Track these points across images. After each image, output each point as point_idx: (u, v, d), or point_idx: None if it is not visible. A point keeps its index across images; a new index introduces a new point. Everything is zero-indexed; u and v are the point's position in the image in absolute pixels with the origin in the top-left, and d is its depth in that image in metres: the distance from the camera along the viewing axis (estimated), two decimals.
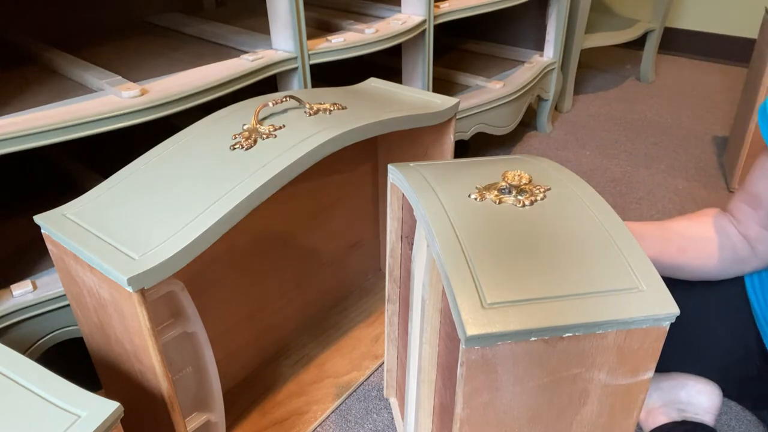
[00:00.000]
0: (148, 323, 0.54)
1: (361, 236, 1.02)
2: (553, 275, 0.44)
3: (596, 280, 0.44)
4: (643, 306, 0.42)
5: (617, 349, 0.43)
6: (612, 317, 0.41)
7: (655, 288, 0.44)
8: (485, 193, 0.53)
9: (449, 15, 1.15)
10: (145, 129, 0.75)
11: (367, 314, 0.99)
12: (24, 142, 0.64)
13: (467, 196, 0.53)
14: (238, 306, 0.82)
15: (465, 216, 0.51)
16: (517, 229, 0.49)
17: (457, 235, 0.48)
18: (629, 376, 0.44)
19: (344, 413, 0.82)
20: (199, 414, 0.70)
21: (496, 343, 0.41)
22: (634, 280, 0.44)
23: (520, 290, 0.43)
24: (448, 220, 0.50)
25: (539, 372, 0.43)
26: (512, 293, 0.43)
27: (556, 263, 0.46)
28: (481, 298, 0.42)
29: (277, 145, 0.64)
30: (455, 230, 0.49)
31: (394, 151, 0.95)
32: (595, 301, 0.42)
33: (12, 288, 0.72)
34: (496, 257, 0.46)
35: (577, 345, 0.42)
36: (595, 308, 0.42)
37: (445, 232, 0.48)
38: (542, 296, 0.43)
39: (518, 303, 0.42)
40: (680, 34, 2.23)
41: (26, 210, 0.90)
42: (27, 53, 0.92)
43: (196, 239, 0.54)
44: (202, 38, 1.01)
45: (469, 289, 0.43)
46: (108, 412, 0.44)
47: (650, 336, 0.43)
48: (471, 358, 0.41)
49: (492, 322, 0.41)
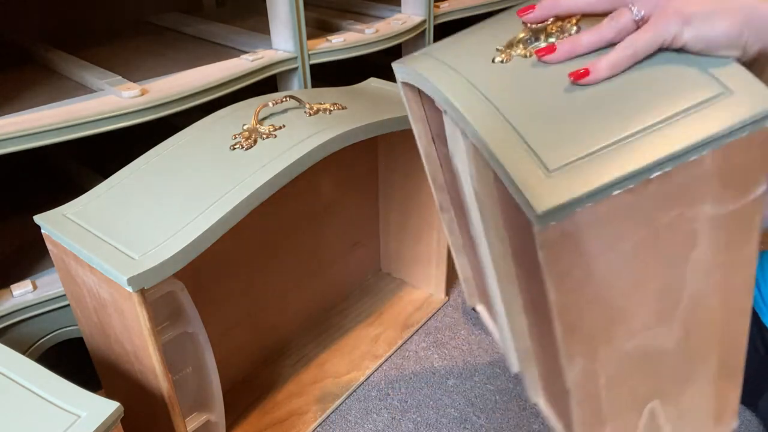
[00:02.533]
0: (148, 323, 0.54)
1: (361, 236, 1.02)
2: (619, 112, 0.37)
3: (672, 101, 0.36)
4: (737, 111, 0.35)
5: (718, 172, 0.35)
6: (702, 137, 0.34)
7: (747, 86, 0.36)
8: (510, 52, 0.44)
9: (449, 15, 1.15)
10: (145, 129, 0.75)
11: (367, 314, 0.99)
12: (24, 142, 0.64)
13: (491, 61, 0.44)
14: (238, 306, 0.82)
15: (496, 84, 0.42)
16: (560, 78, 0.41)
17: (494, 106, 0.40)
18: (739, 198, 0.37)
19: (344, 413, 0.82)
20: (199, 414, 0.70)
21: (574, 211, 0.34)
22: (719, 85, 0.36)
23: (584, 143, 0.36)
24: (479, 94, 0.42)
25: (633, 227, 0.36)
26: (576, 149, 0.36)
27: (617, 96, 0.38)
28: (542, 165, 0.36)
29: (277, 145, 0.64)
30: (491, 102, 0.41)
31: (394, 151, 0.95)
32: (676, 125, 0.35)
33: (12, 288, 0.72)
34: (546, 117, 0.38)
35: (669, 182, 0.35)
36: (678, 134, 0.35)
37: (478, 109, 0.41)
38: (612, 141, 0.36)
39: (586, 158, 0.35)
40: None
41: (26, 210, 0.89)
42: (27, 53, 0.92)
43: (196, 239, 0.54)
44: (202, 38, 1.01)
45: (524, 161, 0.36)
46: (108, 412, 0.44)
47: (753, 143, 0.35)
48: (549, 237, 0.35)
49: (562, 189, 0.34)
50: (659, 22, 0.36)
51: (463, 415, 0.81)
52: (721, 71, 0.37)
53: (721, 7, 0.36)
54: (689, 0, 0.36)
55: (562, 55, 0.38)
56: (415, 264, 1.03)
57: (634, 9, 0.37)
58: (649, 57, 0.38)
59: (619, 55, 0.37)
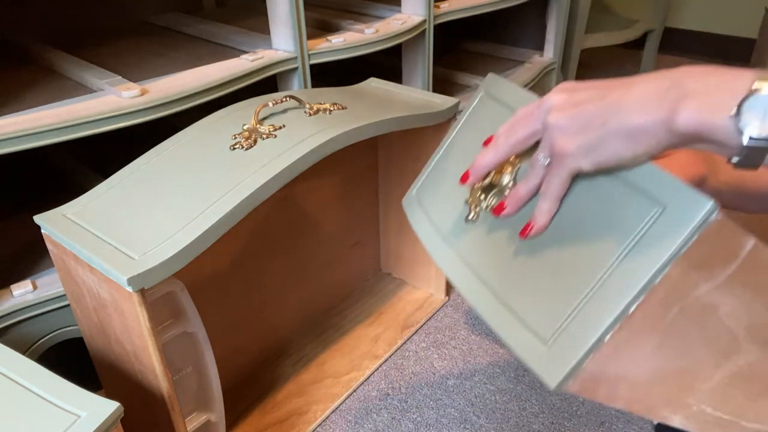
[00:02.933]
0: (148, 323, 0.54)
1: (361, 236, 1.02)
2: (580, 259, 0.40)
3: (618, 235, 0.38)
4: (678, 226, 0.35)
5: (693, 266, 0.35)
6: (657, 264, 0.35)
7: (674, 193, 0.36)
8: (476, 208, 0.48)
9: (449, 15, 1.15)
10: (145, 129, 0.75)
11: (367, 314, 0.99)
12: (24, 142, 0.64)
13: (465, 221, 0.49)
14: (238, 306, 0.82)
15: (478, 253, 0.47)
16: (512, 237, 0.45)
17: (484, 283, 0.45)
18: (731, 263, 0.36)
19: (344, 413, 0.82)
20: (199, 414, 0.70)
21: (581, 367, 0.37)
22: (650, 202, 0.37)
23: (564, 301, 0.39)
24: (470, 274, 0.47)
25: (644, 340, 0.38)
26: (561, 310, 0.39)
27: (573, 242, 0.40)
28: (538, 337, 0.40)
29: (277, 145, 0.64)
30: (481, 280, 0.45)
31: (394, 151, 0.95)
32: (630, 259, 0.37)
33: (12, 288, 0.72)
34: (526, 282, 0.42)
35: (650, 303, 0.36)
36: (636, 266, 0.36)
37: (472, 290, 0.45)
38: (585, 293, 0.38)
39: (571, 317, 0.38)
40: (680, 34, 2.23)
41: (26, 210, 0.90)
42: (27, 53, 0.92)
43: (196, 239, 0.54)
44: (202, 38, 1.01)
45: (524, 338, 0.40)
46: (108, 412, 0.44)
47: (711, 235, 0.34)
48: (573, 389, 0.38)
49: (563, 357, 0.37)
50: (555, 167, 0.40)
51: (463, 415, 0.81)
52: (646, 182, 0.38)
53: (598, 135, 0.37)
54: (570, 138, 0.38)
55: (513, 210, 0.43)
56: (415, 264, 1.03)
57: (540, 156, 0.41)
58: (583, 186, 0.41)
59: (545, 203, 0.41)
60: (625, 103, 0.36)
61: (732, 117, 0.31)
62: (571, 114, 0.38)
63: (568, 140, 0.38)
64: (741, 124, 0.31)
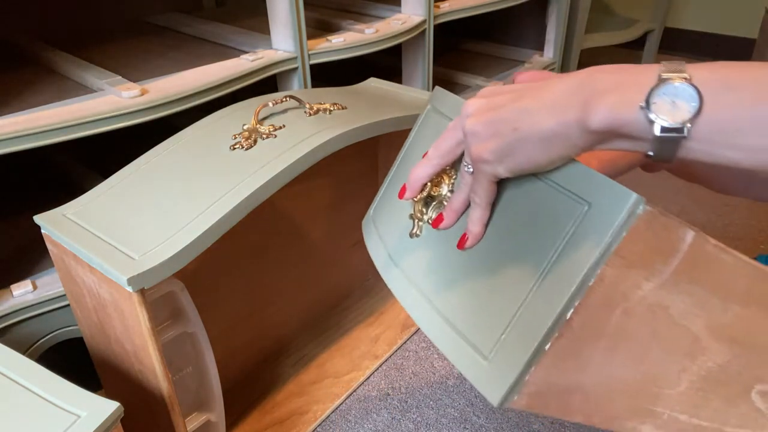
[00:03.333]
0: (148, 323, 0.54)
1: (361, 236, 1.02)
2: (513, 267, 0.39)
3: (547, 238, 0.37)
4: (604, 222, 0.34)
5: (629, 265, 0.34)
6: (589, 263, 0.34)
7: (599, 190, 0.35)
8: (419, 223, 0.48)
9: (449, 15, 1.15)
10: (145, 129, 0.75)
11: (367, 314, 0.99)
12: (24, 142, 0.64)
13: (409, 236, 0.48)
14: (238, 306, 0.82)
15: (421, 268, 0.46)
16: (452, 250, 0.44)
17: (423, 295, 0.45)
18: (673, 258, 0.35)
19: (344, 413, 0.82)
20: (199, 414, 0.70)
21: (524, 380, 0.36)
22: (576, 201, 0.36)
23: (501, 314, 0.38)
24: (410, 286, 0.47)
25: (590, 347, 0.37)
26: (499, 323, 0.38)
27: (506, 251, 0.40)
28: (480, 353, 0.39)
29: (277, 145, 0.64)
30: (420, 291, 0.45)
31: (394, 151, 0.94)
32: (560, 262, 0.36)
33: (12, 288, 0.72)
34: (465, 296, 0.41)
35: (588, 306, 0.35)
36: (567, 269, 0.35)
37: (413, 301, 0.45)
38: (520, 301, 0.37)
39: (506, 331, 0.38)
40: (680, 34, 2.23)
41: (26, 210, 0.90)
42: (27, 53, 0.92)
43: (196, 239, 0.54)
44: (202, 38, 1.01)
45: (466, 354, 0.40)
46: (108, 412, 0.44)
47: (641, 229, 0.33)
48: (520, 404, 0.37)
49: (503, 373, 0.37)
50: (475, 174, 0.40)
51: (463, 415, 0.81)
52: (571, 181, 0.36)
53: (509, 140, 0.36)
54: (483, 144, 0.37)
55: (450, 221, 0.43)
56: None
57: (464, 164, 0.41)
58: (512, 191, 0.41)
59: (475, 212, 0.41)
60: (536, 107, 0.35)
61: (642, 108, 0.31)
62: (485, 120, 0.37)
63: (482, 146, 0.38)
64: (651, 115, 0.31)
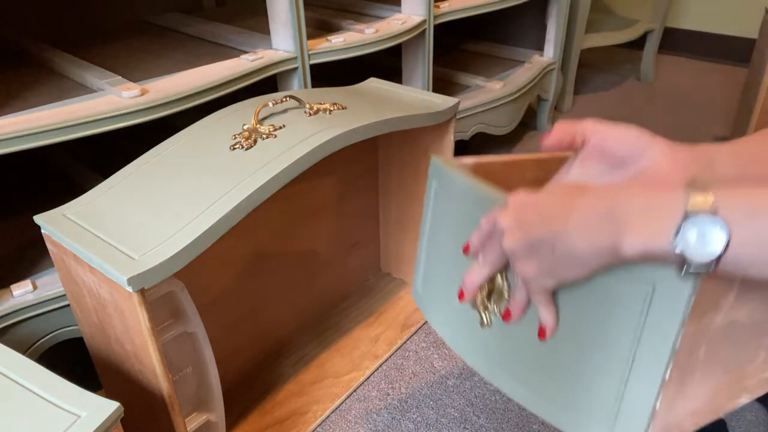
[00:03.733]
0: (148, 323, 0.54)
1: (361, 236, 1.02)
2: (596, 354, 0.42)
3: None
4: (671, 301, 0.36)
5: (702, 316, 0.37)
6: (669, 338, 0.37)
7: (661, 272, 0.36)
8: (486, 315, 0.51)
9: (449, 15, 1.15)
10: (145, 129, 0.75)
11: (367, 314, 0.99)
12: (24, 142, 0.64)
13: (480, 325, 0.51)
14: (238, 306, 0.82)
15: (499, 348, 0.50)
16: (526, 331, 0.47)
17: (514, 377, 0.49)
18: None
19: (344, 413, 0.82)
20: (199, 414, 0.70)
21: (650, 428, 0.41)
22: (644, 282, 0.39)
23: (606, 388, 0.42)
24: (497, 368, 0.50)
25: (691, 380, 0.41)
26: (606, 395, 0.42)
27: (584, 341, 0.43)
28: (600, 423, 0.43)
29: (277, 145, 0.64)
30: (509, 374, 0.49)
31: (394, 151, 0.95)
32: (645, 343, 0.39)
33: (12, 288, 0.72)
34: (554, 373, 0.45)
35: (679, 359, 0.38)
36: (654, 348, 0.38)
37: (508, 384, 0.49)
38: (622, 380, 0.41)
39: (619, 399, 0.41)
40: (680, 34, 2.23)
41: (26, 210, 0.90)
42: (27, 53, 0.92)
43: (196, 239, 0.54)
44: (202, 38, 1.01)
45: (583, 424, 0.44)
46: (108, 412, 0.44)
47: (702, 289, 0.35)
48: None
49: None
50: (529, 287, 0.42)
51: (463, 415, 0.81)
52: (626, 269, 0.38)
53: (550, 260, 0.39)
54: (526, 262, 0.40)
55: (518, 316, 0.46)
56: None
57: (516, 274, 0.43)
58: None
59: (541, 312, 0.43)
60: (567, 231, 0.37)
61: (671, 241, 0.32)
62: (521, 240, 0.40)
63: (525, 265, 0.40)
64: (680, 248, 0.32)
